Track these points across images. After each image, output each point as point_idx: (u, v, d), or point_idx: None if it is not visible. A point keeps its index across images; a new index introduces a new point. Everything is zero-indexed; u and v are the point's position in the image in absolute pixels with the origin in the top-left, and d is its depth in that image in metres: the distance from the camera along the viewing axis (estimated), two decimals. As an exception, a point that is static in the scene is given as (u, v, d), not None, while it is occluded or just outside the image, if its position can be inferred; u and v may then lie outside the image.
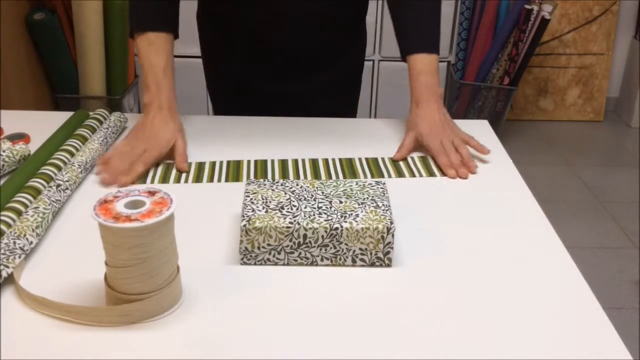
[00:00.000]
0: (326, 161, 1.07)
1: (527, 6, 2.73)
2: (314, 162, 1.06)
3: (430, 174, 1.05)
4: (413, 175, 1.04)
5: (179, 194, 0.96)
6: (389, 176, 1.04)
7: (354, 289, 0.77)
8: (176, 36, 1.13)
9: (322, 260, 0.81)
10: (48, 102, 2.56)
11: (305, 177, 1.02)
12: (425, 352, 0.68)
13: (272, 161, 1.07)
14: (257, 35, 1.21)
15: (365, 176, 1.03)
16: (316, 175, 1.03)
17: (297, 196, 0.85)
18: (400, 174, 1.04)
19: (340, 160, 1.07)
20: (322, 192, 0.86)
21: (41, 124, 1.17)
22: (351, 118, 1.26)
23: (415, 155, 1.11)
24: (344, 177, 1.02)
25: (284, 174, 1.03)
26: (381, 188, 0.88)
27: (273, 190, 0.87)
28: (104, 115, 1.17)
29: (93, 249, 0.78)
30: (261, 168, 1.05)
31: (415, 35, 1.14)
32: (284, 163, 1.06)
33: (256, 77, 1.26)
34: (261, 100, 1.28)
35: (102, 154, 1.05)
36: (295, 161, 1.07)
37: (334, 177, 1.02)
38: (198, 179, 1.02)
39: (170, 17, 1.12)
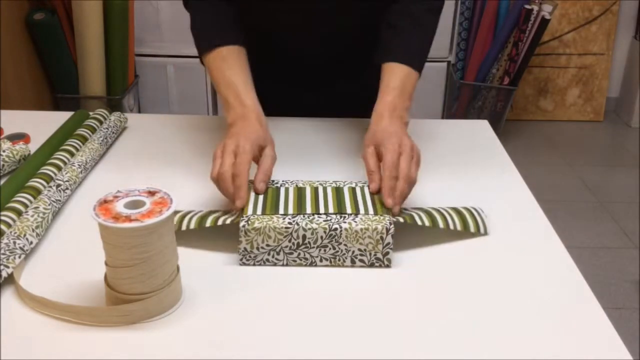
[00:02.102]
0: (353, 191, 0.88)
1: (527, 6, 2.73)
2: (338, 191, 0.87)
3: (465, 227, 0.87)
4: (446, 224, 0.86)
5: (179, 194, 0.96)
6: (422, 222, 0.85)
7: (353, 289, 0.77)
8: (245, 46, 1.04)
9: (321, 260, 0.81)
10: (48, 102, 2.56)
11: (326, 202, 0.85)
12: (425, 352, 0.68)
13: (287, 190, 0.88)
14: (279, 43, 1.18)
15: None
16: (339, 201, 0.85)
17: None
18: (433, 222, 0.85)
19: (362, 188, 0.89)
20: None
21: (41, 124, 1.17)
22: (353, 118, 1.26)
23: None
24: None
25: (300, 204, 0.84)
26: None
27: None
28: (104, 115, 1.17)
29: (93, 249, 0.78)
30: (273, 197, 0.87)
31: (401, 45, 1.01)
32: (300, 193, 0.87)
33: (279, 86, 1.23)
34: (284, 109, 1.26)
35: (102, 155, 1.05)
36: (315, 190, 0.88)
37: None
38: None
39: (236, 29, 1.05)
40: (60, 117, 1.17)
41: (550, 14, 2.72)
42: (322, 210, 0.82)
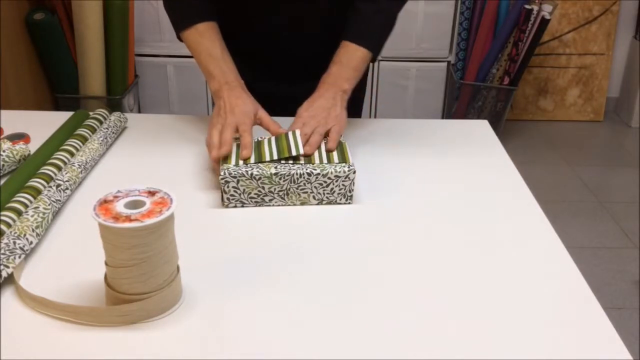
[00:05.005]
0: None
1: (527, 6, 2.73)
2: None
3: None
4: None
5: (179, 194, 0.96)
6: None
7: (350, 286, 0.78)
8: (217, 21, 1.13)
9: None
10: (48, 102, 2.56)
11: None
12: (428, 352, 0.68)
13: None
14: (262, 39, 1.21)
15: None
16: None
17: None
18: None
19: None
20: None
21: (41, 124, 1.17)
22: (353, 118, 1.26)
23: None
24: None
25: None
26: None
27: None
28: (104, 115, 1.17)
29: (93, 249, 0.78)
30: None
31: (358, 26, 1.12)
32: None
33: (262, 80, 1.26)
34: (267, 104, 1.28)
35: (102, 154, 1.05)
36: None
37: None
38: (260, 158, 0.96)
39: (207, 7, 1.13)
40: (60, 117, 1.17)
41: (550, 14, 2.72)
42: (293, 153, 0.95)
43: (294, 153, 0.95)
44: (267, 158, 0.95)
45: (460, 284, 0.79)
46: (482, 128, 1.25)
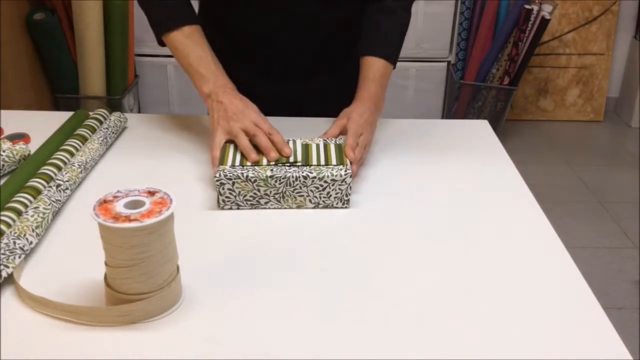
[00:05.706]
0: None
1: (527, 6, 2.73)
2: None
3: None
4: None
5: (179, 194, 0.96)
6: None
7: (350, 286, 0.78)
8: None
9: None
10: (48, 102, 2.56)
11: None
12: (426, 352, 0.68)
13: None
14: (260, 37, 1.21)
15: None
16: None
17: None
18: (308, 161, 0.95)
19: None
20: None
21: (41, 124, 1.17)
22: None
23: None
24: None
25: None
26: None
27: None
28: (104, 115, 1.17)
29: (93, 249, 0.78)
30: None
31: (382, 40, 1.14)
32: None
33: (261, 80, 1.26)
34: (266, 103, 1.28)
35: (102, 155, 1.05)
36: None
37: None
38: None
39: (192, 11, 1.12)
40: (60, 117, 1.17)
41: (550, 14, 2.72)
42: (291, 159, 0.95)
43: (291, 160, 0.95)
44: (264, 162, 0.94)
45: (460, 284, 0.79)
46: (482, 128, 1.25)
